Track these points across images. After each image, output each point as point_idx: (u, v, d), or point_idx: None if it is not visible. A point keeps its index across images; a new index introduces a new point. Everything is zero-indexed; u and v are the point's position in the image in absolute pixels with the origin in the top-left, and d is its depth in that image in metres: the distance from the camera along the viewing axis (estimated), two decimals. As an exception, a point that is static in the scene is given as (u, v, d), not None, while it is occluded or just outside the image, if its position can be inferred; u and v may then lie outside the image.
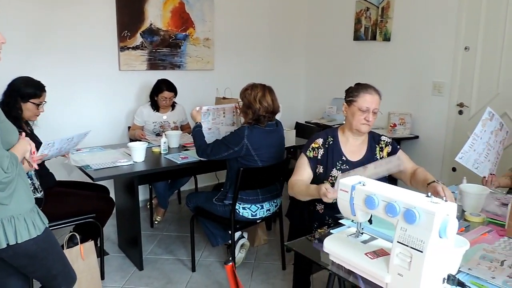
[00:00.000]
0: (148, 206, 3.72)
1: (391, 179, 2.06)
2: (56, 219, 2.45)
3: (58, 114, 3.42)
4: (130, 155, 2.76)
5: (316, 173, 2.11)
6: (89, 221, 2.60)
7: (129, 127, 3.73)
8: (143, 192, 3.87)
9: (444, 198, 1.21)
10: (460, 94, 3.54)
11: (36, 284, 1.99)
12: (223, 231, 2.87)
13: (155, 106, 3.61)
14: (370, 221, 1.47)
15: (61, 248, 1.87)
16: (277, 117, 2.72)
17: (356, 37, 4.30)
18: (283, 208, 2.82)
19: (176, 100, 3.70)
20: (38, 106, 2.49)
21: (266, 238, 3.29)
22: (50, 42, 3.35)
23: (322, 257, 1.47)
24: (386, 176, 1.94)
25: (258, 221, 2.79)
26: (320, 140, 2.12)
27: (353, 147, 2.13)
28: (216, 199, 2.68)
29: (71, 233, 2.45)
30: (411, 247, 1.16)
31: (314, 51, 4.86)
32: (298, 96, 5.02)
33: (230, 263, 1.36)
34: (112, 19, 3.62)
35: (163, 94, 3.52)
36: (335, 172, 2.07)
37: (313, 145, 2.12)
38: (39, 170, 2.32)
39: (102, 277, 2.69)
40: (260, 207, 2.66)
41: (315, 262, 1.48)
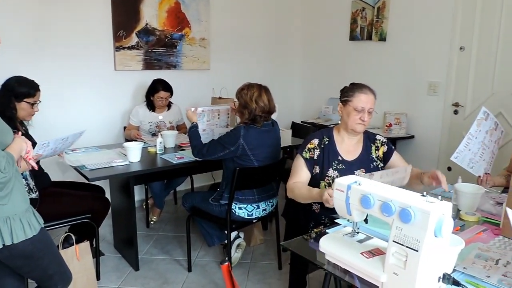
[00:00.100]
0: (144, 206, 3.72)
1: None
2: (51, 220, 2.44)
3: (53, 114, 3.40)
4: (126, 155, 2.75)
5: (313, 174, 2.11)
6: (85, 222, 2.59)
7: (125, 127, 3.72)
8: (139, 192, 3.86)
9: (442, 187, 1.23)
10: (455, 94, 3.56)
11: (32, 284, 1.99)
12: (219, 231, 2.87)
13: (151, 106, 3.60)
14: (366, 221, 1.47)
15: (57, 248, 1.87)
16: (273, 117, 2.72)
17: (352, 37, 4.31)
18: (279, 208, 2.82)
19: (172, 100, 3.70)
20: (33, 106, 2.47)
21: (262, 238, 3.29)
22: (46, 42, 3.34)
23: (318, 257, 1.47)
24: None
25: (254, 221, 2.79)
26: (316, 141, 2.13)
27: (349, 147, 2.13)
28: (212, 199, 2.68)
29: (67, 234, 2.43)
30: (407, 246, 1.17)
31: (310, 51, 4.87)
32: (294, 96, 5.02)
33: (226, 263, 1.36)
34: (108, 19, 3.60)
35: (159, 94, 3.51)
36: (332, 172, 2.08)
37: (309, 146, 2.12)
38: (34, 171, 2.30)
39: (98, 278, 2.68)
40: (256, 207, 2.66)
41: (311, 262, 1.48)
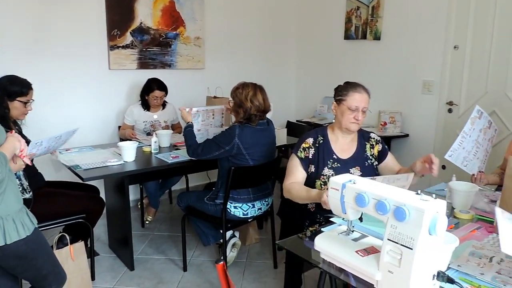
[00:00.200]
0: (139, 206, 3.70)
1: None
2: (46, 220, 2.43)
3: (47, 114, 3.38)
4: (120, 155, 2.74)
5: (308, 173, 2.11)
6: (79, 222, 2.58)
7: (119, 127, 3.70)
8: (134, 192, 3.85)
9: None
10: (450, 93, 3.57)
11: (26, 285, 1.97)
12: (215, 230, 2.86)
13: (146, 105, 3.59)
14: (361, 219, 1.48)
15: (51, 249, 1.86)
16: (268, 116, 2.72)
17: (347, 36, 4.32)
18: (275, 207, 2.82)
19: (167, 100, 3.69)
20: (26, 104, 2.46)
21: (258, 237, 3.29)
22: (39, 41, 3.31)
23: (313, 255, 1.47)
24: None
25: (250, 220, 2.79)
26: (310, 140, 2.13)
27: (343, 145, 2.14)
28: (208, 198, 2.67)
29: (61, 234, 2.42)
30: (401, 245, 1.17)
31: (305, 50, 4.87)
32: (289, 95, 5.03)
33: (221, 262, 1.36)
34: (102, 18, 3.58)
35: (154, 93, 3.50)
36: (327, 171, 2.08)
37: (304, 145, 2.12)
38: (28, 171, 2.30)
39: (93, 278, 2.67)
40: (252, 206, 2.66)
41: (306, 261, 1.48)
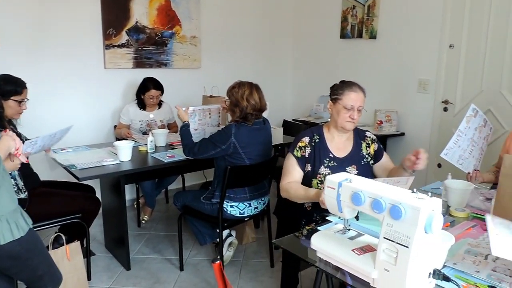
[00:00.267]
0: (135, 206, 3.69)
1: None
2: (41, 220, 2.42)
3: (43, 113, 3.36)
4: (116, 154, 2.73)
5: (305, 172, 2.11)
6: (75, 222, 2.57)
7: (115, 126, 3.69)
8: (130, 192, 3.84)
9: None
10: (445, 91, 3.59)
11: (21, 286, 1.96)
12: (211, 230, 2.86)
13: (142, 105, 3.58)
14: (357, 218, 1.48)
15: (46, 249, 1.85)
16: (264, 115, 2.72)
17: (343, 35, 4.32)
18: (271, 206, 2.82)
19: (163, 99, 3.68)
20: (20, 103, 2.44)
21: (254, 236, 3.29)
22: (34, 40, 3.30)
23: (310, 254, 1.47)
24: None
25: (246, 219, 2.79)
26: (307, 139, 2.13)
27: (339, 144, 2.14)
28: (204, 198, 2.67)
29: (57, 234, 2.42)
30: (397, 243, 1.17)
31: (301, 49, 4.87)
32: (285, 94, 5.03)
33: (218, 262, 1.35)
34: (97, 17, 3.57)
35: (150, 93, 3.49)
36: (323, 170, 2.08)
37: (300, 144, 2.12)
38: (23, 170, 2.29)
39: (89, 278, 2.66)
40: (248, 205, 2.66)
41: (303, 259, 1.49)
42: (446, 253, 1.29)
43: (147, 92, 3.50)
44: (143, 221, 3.61)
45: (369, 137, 2.21)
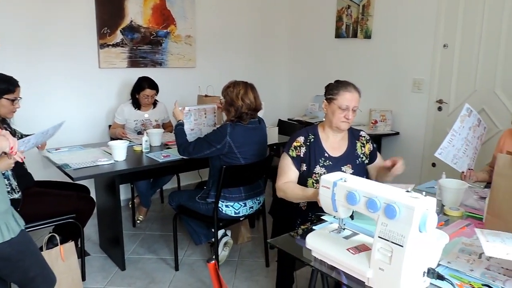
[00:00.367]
0: (130, 206, 3.68)
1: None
2: (35, 220, 2.41)
3: (37, 113, 3.34)
4: (111, 154, 2.72)
5: (300, 171, 2.11)
6: (69, 222, 2.55)
7: (110, 126, 3.67)
8: (125, 191, 3.82)
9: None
10: (439, 91, 3.60)
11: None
12: (206, 230, 2.86)
13: (137, 104, 3.57)
14: (352, 217, 1.48)
15: (39, 251, 1.83)
16: (260, 114, 2.72)
17: (338, 35, 4.33)
18: (266, 206, 2.82)
19: (158, 98, 3.67)
20: (13, 102, 2.42)
21: (250, 236, 3.29)
22: (28, 39, 3.27)
23: (305, 253, 1.48)
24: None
25: (241, 219, 2.78)
26: (301, 138, 2.13)
27: (334, 144, 2.14)
28: (199, 197, 2.67)
29: (51, 234, 2.40)
30: (392, 242, 1.18)
31: (296, 49, 4.88)
32: (281, 93, 5.03)
33: (213, 261, 1.35)
34: (92, 16, 3.55)
35: (145, 92, 3.48)
36: (319, 169, 2.08)
37: (295, 144, 2.12)
38: (17, 170, 2.27)
39: (83, 278, 2.65)
40: (243, 205, 2.66)
41: (298, 259, 1.49)
42: (441, 252, 1.30)
43: (142, 92, 3.48)
44: (138, 221, 3.59)
45: (364, 137, 2.22)
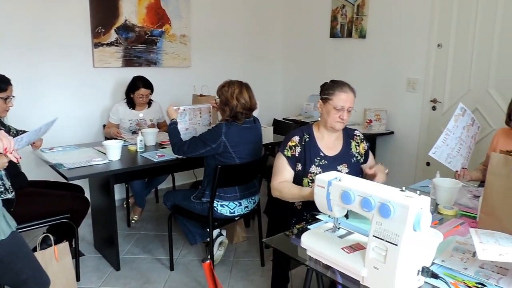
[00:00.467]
0: (125, 205, 3.67)
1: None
2: (29, 220, 2.39)
3: (31, 112, 3.32)
4: (106, 154, 2.71)
5: (295, 171, 2.11)
6: (63, 222, 2.54)
7: (104, 125, 3.66)
8: (120, 191, 3.81)
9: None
10: (434, 90, 3.62)
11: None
12: (201, 229, 2.85)
13: (131, 104, 3.55)
14: (347, 216, 1.49)
15: (32, 252, 1.80)
16: (255, 114, 2.72)
17: (332, 34, 4.34)
18: (262, 205, 2.83)
19: (153, 98, 3.65)
20: (6, 101, 2.41)
21: (245, 235, 3.29)
22: (22, 38, 3.25)
23: (300, 253, 1.48)
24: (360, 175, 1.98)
25: (237, 219, 2.78)
26: (297, 138, 2.13)
27: (329, 143, 2.15)
28: (194, 197, 2.66)
29: (45, 234, 2.38)
30: (386, 241, 1.18)
31: (291, 48, 4.88)
32: (276, 93, 5.03)
33: (208, 261, 1.35)
34: (86, 15, 3.53)
35: (140, 91, 3.47)
36: (314, 168, 2.08)
37: (290, 144, 2.12)
38: (10, 170, 2.25)
39: (78, 279, 2.64)
40: (238, 204, 2.66)
41: (293, 258, 1.49)
42: (435, 251, 1.31)
43: (137, 91, 3.47)
44: (133, 221, 3.58)
45: (358, 136, 2.23)
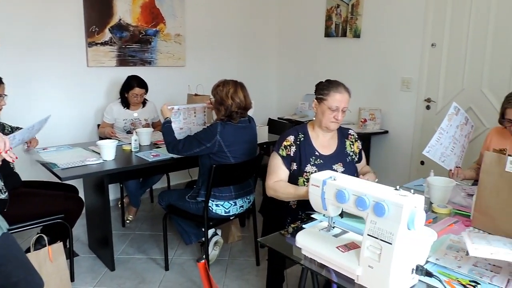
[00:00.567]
0: (119, 205, 3.66)
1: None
2: (23, 221, 2.38)
3: (25, 112, 3.29)
4: (100, 154, 2.70)
5: (291, 170, 2.12)
6: (58, 222, 2.52)
7: (99, 125, 3.64)
8: (114, 191, 3.80)
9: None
10: (428, 90, 3.64)
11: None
12: (196, 229, 2.85)
13: (126, 103, 3.54)
14: (341, 215, 1.49)
15: (24, 254, 1.78)
16: (250, 113, 2.72)
17: (327, 34, 4.35)
18: (257, 204, 2.83)
19: (147, 97, 3.64)
20: None
21: (240, 235, 3.29)
22: (16, 37, 3.23)
23: (295, 252, 1.48)
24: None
25: (232, 218, 2.78)
26: (291, 138, 2.13)
27: (324, 142, 2.15)
28: (189, 197, 2.65)
29: (39, 235, 2.37)
30: (381, 240, 1.19)
31: (286, 47, 4.88)
32: (270, 92, 5.03)
33: (203, 261, 1.35)
34: (80, 14, 3.51)
35: (134, 91, 3.46)
36: (310, 168, 2.09)
37: (285, 143, 2.12)
38: (3, 170, 2.24)
39: (72, 279, 2.62)
40: (233, 204, 2.65)
41: (288, 257, 1.49)
42: (429, 249, 1.31)
43: (131, 91, 3.46)
44: (128, 221, 3.57)
45: (352, 135, 2.24)
